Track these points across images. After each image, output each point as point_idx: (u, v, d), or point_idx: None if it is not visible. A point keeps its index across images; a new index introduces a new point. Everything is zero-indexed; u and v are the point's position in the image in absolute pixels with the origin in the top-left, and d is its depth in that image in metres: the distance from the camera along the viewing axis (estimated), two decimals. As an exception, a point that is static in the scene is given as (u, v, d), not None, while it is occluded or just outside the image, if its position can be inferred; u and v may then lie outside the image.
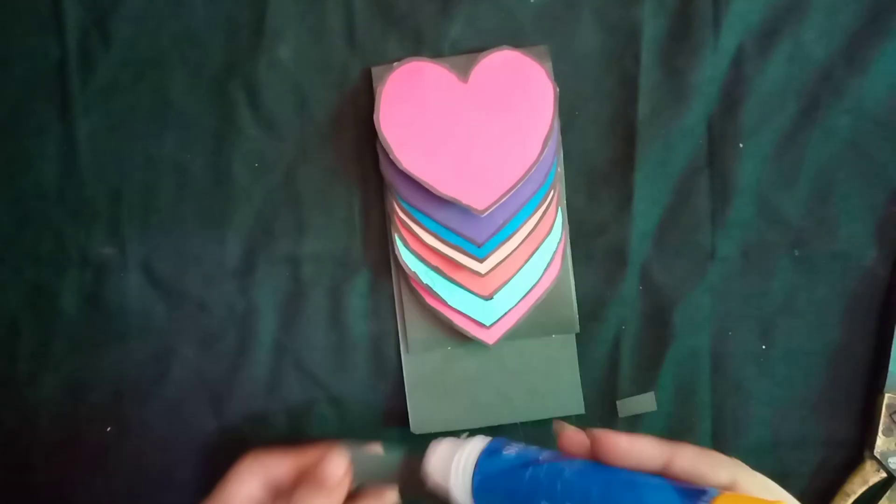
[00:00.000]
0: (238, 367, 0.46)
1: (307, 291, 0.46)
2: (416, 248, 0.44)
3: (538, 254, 0.44)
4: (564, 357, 0.45)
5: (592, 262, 0.45)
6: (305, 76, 0.46)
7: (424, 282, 0.44)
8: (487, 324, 0.44)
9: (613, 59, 0.46)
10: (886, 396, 0.44)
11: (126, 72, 0.46)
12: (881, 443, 0.44)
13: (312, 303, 0.46)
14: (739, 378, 0.45)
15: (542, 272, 0.44)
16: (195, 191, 0.46)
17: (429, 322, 0.45)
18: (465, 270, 0.43)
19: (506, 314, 0.44)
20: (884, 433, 0.44)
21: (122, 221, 0.46)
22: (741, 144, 0.45)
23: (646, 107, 0.45)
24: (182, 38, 0.46)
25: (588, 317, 0.45)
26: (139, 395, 0.46)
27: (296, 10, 0.46)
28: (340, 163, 0.46)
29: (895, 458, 0.44)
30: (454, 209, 0.43)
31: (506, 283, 0.44)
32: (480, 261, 0.43)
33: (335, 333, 0.46)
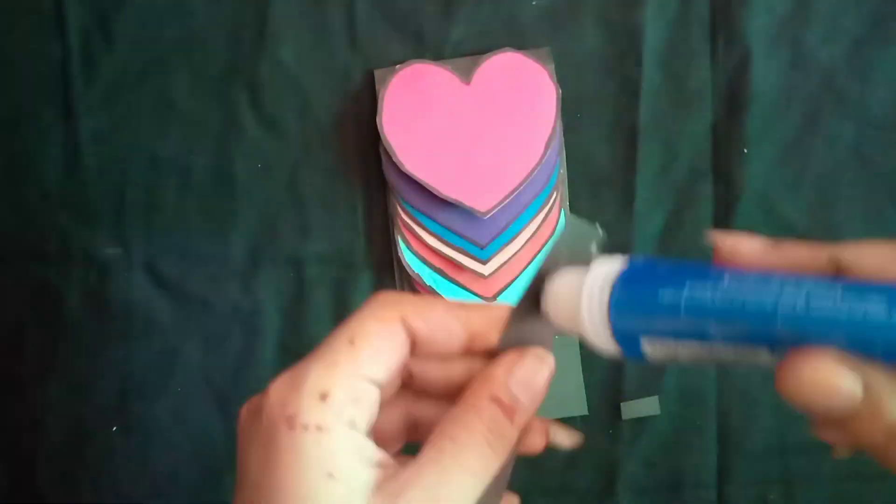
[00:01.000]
0: (243, 367, 0.46)
1: (311, 291, 0.46)
2: (420, 251, 0.44)
3: (541, 255, 0.44)
4: (567, 358, 0.45)
5: None
6: (308, 77, 0.46)
7: (428, 284, 0.44)
8: None
9: (615, 62, 0.45)
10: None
11: (129, 72, 0.46)
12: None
13: (316, 303, 0.46)
14: (746, 383, 0.45)
15: None
16: (198, 191, 0.46)
17: None
18: (469, 272, 0.43)
19: None
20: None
21: (126, 222, 0.46)
22: (745, 150, 0.44)
23: (647, 110, 0.45)
24: (185, 40, 0.46)
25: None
26: (144, 395, 0.46)
27: (298, 12, 0.45)
28: (343, 163, 0.46)
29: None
30: (457, 211, 0.43)
31: (509, 286, 0.44)
32: (484, 262, 0.43)
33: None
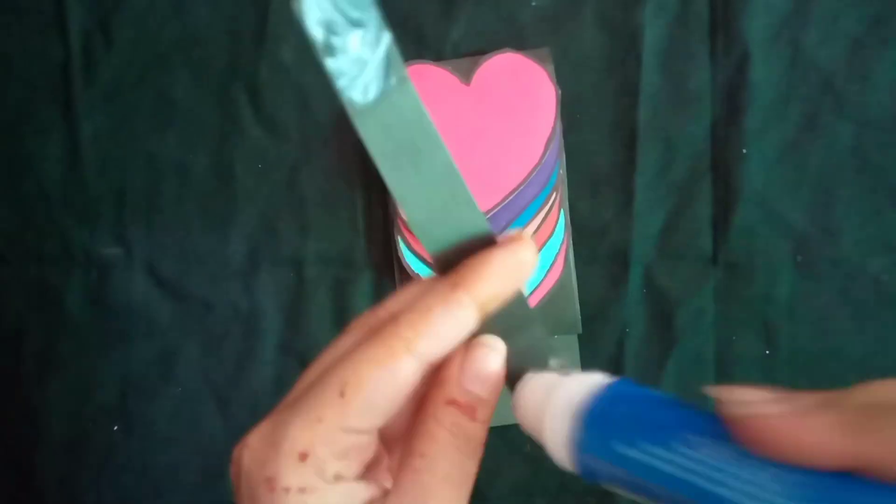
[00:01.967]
0: (243, 367, 0.46)
1: (311, 291, 0.46)
2: (420, 250, 0.44)
3: (541, 255, 0.44)
4: (567, 359, 0.45)
5: (595, 265, 0.45)
6: (307, 77, 0.46)
7: None
8: None
9: (615, 62, 0.45)
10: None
11: (129, 73, 0.46)
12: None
13: (316, 303, 0.46)
14: (743, 383, 0.45)
15: (545, 273, 0.44)
16: (199, 191, 0.46)
17: None
18: None
19: None
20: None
21: (127, 222, 0.46)
22: (745, 150, 0.45)
23: (647, 110, 0.45)
24: (185, 40, 0.46)
25: (591, 318, 0.45)
26: (145, 395, 0.46)
27: (298, 12, 0.46)
28: (343, 163, 0.46)
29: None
30: None
31: None
32: None
33: (330, 325, 0.46)
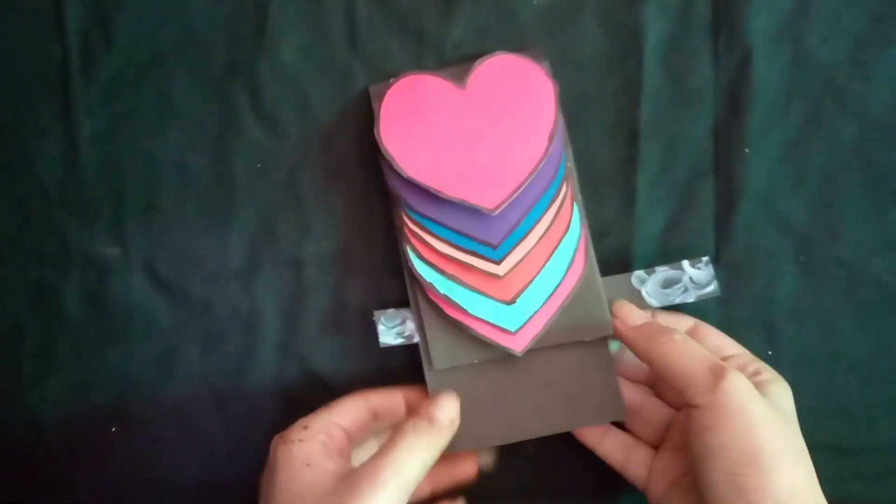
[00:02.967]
0: (243, 368, 0.46)
1: (311, 292, 0.46)
2: (431, 258, 0.43)
3: (558, 252, 0.42)
4: (599, 361, 0.43)
5: (597, 264, 0.45)
6: (307, 77, 0.46)
7: (442, 292, 0.42)
8: (513, 329, 0.42)
9: (615, 62, 0.45)
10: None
11: (128, 72, 0.46)
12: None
13: (316, 303, 0.46)
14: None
15: (566, 271, 0.42)
16: (198, 191, 0.46)
17: (451, 335, 0.43)
18: (484, 275, 0.42)
19: (531, 318, 0.42)
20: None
21: (125, 222, 0.46)
22: (747, 149, 0.44)
23: (648, 110, 0.45)
24: (184, 39, 0.46)
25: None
26: (144, 396, 0.46)
27: (297, 11, 0.45)
28: (343, 164, 0.46)
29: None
30: (465, 213, 0.42)
31: (528, 286, 0.42)
32: (497, 263, 0.42)
33: (339, 335, 0.46)
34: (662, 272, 0.43)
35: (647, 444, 0.43)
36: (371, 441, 0.43)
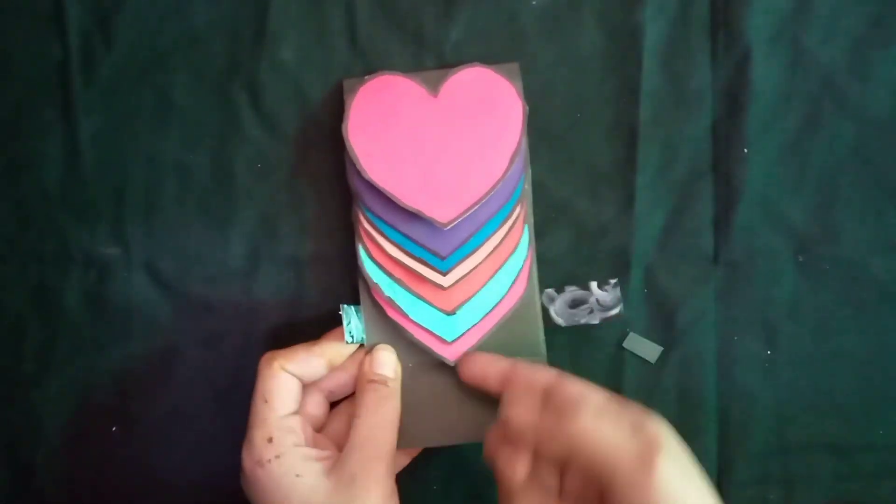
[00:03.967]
0: (243, 367, 0.46)
1: (310, 292, 0.46)
2: (380, 260, 0.43)
3: (503, 271, 0.43)
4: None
5: (596, 264, 0.45)
6: (307, 77, 0.46)
7: (386, 294, 0.43)
8: (449, 339, 0.43)
9: (615, 62, 0.45)
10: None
11: (128, 73, 0.46)
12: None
13: (316, 303, 0.46)
14: (745, 383, 0.45)
15: (507, 290, 0.43)
16: (198, 191, 0.46)
17: (391, 336, 0.43)
18: (428, 284, 0.43)
19: (468, 331, 0.43)
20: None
21: (126, 221, 0.46)
22: (746, 150, 0.45)
23: (647, 110, 0.45)
24: (184, 40, 0.46)
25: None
26: (144, 395, 0.46)
27: (297, 11, 0.46)
28: (343, 164, 0.46)
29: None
30: (418, 221, 0.42)
31: (469, 300, 0.43)
32: (444, 274, 0.42)
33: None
34: (571, 292, 0.44)
35: None
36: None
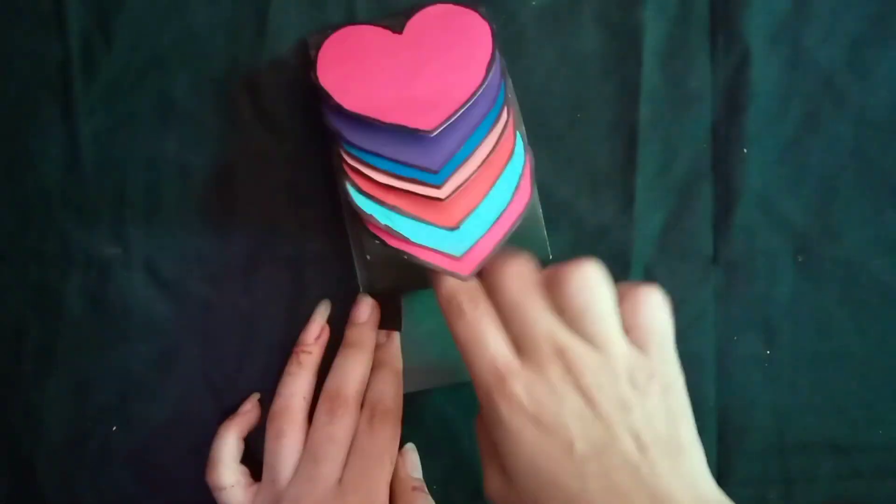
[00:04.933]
0: (243, 367, 0.46)
1: (311, 291, 0.46)
2: (370, 191, 0.41)
3: (503, 179, 0.41)
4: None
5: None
6: (307, 77, 0.46)
7: (383, 223, 0.40)
8: (458, 254, 0.40)
9: (615, 62, 0.45)
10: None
11: (129, 72, 0.46)
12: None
13: (316, 303, 0.46)
14: (744, 383, 0.45)
15: (511, 197, 0.41)
16: (198, 191, 0.46)
17: (390, 267, 0.43)
18: (426, 201, 0.40)
19: (477, 243, 0.40)
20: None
21: (126, 221, 0.46)
22: (745, 150, 0.45)
23: (647, 110, 0.45)
24: (184, 39, 0.46)
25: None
26: (144, 395, 0.46)
27: (297, 11, 0.46)
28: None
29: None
30: (403, 141, 0.40)
31: (472, 212, 0.41)
32: (439, 187, 0.40)
33: (340, 334, 0.46)
34: None
35: None
36: None
